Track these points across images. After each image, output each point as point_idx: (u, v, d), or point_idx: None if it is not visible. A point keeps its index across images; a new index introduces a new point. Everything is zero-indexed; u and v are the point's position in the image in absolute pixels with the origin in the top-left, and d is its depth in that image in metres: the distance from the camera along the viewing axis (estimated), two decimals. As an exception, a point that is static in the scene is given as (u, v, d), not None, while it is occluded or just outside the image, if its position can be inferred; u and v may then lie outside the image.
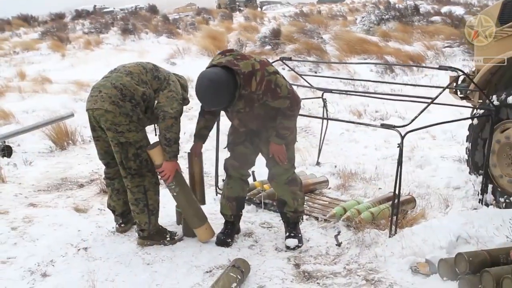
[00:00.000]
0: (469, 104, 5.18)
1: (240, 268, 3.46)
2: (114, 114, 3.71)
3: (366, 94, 6.87)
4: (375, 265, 3.65)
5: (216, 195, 5.10)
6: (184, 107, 3.95)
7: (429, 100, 4.26)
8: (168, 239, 4.08)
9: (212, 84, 3.45)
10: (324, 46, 14.79)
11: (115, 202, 4.25)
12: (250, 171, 4.26)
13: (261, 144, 3.92)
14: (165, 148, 3.80)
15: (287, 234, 4.11)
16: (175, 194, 4.01)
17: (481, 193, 4.58)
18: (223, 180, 4.24)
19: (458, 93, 5.16)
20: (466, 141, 4.87)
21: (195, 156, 4.12)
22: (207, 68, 3.64)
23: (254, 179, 4.99)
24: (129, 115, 3.75)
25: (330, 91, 5.83)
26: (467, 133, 4.84)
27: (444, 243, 3.56)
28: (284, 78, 3.70)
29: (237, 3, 43.23)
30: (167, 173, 3.86)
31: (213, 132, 5.67)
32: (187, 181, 4.15)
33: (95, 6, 43.44)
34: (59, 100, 10.05)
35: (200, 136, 4.06)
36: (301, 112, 4.11)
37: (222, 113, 3.82)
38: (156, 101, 3.86)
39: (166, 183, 3.94)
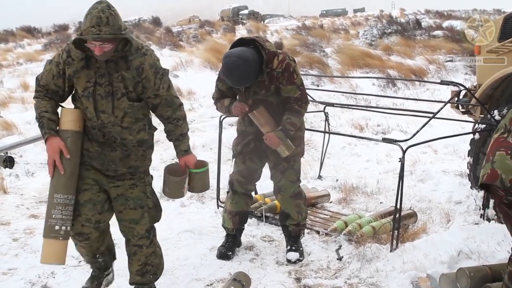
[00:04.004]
0: (471, 119, 5.20)
1: (241, 282, 3.45)
2: None
3: (368, 108, 6.90)
4: (376, 280, 3.64)
5: (218, 208, 5.10)
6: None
7: (431, 115, 4.27)
8: None
9: (240, 61, 3.53)
10: (326, 60, 14.84)
11: None
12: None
13: (268, 150, 3.90)
14: None
15: (288, 247, 4.11)
16: None
17: (482, 208, 4.57)
18: (227, 192, 4.23)
19: (460, 107, 5.18)
20: (468, 156, 4.87)
21: None
22: (230, 49, 3.73)
23: (256, 192, 5.00)
24: None
25: (332, 104, 5.85)
26: (469, 147, 4.85)
27: (445, 258, 3.56)
28: None
29: (240, 16, 43.51)
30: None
31: (215, 145, 5.71)
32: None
33: (99, 18, 43.66)
34: (62, 111, 10.05)
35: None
36: (303, 125, 4.14)
37: (224, 126, 3.82)
38: None
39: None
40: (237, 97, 3.92)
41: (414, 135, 3.96)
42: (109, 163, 3.08)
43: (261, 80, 3.68)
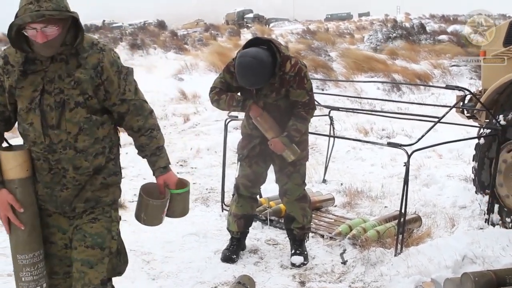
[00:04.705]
0: (476, 124, 5.19)
1: (246, 285, 3.45)
2: None
3: (373, 112, 6.89)
4: (380, 284, 3.64)
5: (222, 211, 5.11)
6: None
7: (436, 119, 4.27)
8: None
9: (255, 61, 3.53)
10: (331, 64, 14.86)
11: None
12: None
13: (274, 154, 3.89)
14: None
15: (293, 251, 4.12)
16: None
17: (487, 213, 4.57)
18: (233, 195, 4.24)
19: (465, 112, 5.18)
20: (473, 160, 4.87)
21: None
22: (243, 47, 3.74)
23: (260, 196, 5.00)
24: None
25: (337, 109, 5.86)
26: (474, 152, 4.84)
27: (450, 263, 3.55)
28: None
29: (245, 20, 43.59)
30: None
31: (219, 148, 5.71)
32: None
33: (104, 21, 43.99)
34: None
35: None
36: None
37: (228, 129, 3.82)
38: None
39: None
40: (239, 93, 3.91)
41: (419, 139, 3.96)
42: (62, 205, 2.44)
43: (273, 83, 3.70)
